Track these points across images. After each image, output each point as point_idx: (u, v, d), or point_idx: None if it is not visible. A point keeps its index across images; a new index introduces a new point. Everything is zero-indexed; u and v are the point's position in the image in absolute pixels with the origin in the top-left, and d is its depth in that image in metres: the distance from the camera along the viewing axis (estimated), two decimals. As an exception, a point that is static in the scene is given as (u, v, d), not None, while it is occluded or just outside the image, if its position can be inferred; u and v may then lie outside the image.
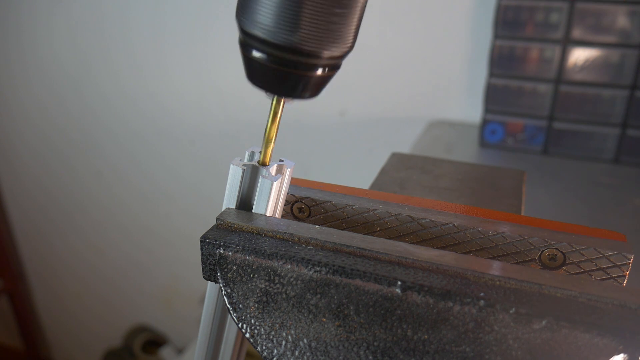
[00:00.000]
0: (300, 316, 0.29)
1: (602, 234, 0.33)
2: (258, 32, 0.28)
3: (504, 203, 0.45)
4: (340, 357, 0.28)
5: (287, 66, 0.28)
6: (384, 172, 0.52)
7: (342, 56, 0.30)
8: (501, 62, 0.91)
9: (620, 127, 0.88)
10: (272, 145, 0.33)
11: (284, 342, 0.29)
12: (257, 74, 0.29)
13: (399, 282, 0.28)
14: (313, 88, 0.30)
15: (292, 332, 0.29)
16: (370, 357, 0.28)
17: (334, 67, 0.30)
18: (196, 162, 1.39)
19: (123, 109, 1.41)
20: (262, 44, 0.28)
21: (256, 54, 0.28)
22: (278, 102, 0.32)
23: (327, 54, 0.28)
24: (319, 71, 0.29)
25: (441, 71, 1.07)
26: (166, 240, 1.56)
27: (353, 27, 0.29)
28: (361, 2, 0.28)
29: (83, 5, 1.33)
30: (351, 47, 0.29)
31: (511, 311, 0.26)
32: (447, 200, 0.44)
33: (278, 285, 0.30)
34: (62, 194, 1.64)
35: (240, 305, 0.30)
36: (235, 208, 0.34)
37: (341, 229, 0.36)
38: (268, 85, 0.30)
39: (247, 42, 0.29)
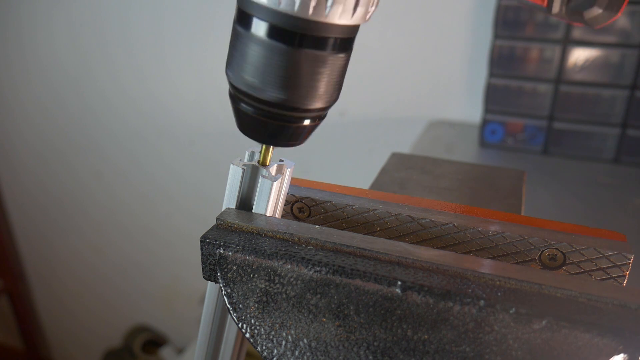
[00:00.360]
0: (300, 316, 0.29)
1: (602, 234, 0.33)
2: (246, 89, 0.28)
3: (504, 203, 0.45)
4: (340, 357, 0.28)
5: (275, 119, 0.29)
6: (384, 172, 0.52)
7: (329, 107, 0.30)
8: (501, 62, 0.91)
9: (620, 127, 0.88)
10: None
11: (284, 342, 0.29)
12: (246, 125, 0.30)
13: (399, 282, 0.28)
14: (301, 137, 0.31)
15: (292, 332, 0.29)
16: (370, 357, 0.28)
17: (321, 117, 0.31)
18: (196, 162, 1.39)
19: (123, 109, 1.41)
20: (250, 99, 0.29)
21: (245, 107, 0.29)
22: (267, 148, 0.33)
23: (314, 107, 0.29)
24: (307, 122, 0.30)
25: (441, 71, 1.07)
26: (166, 240, 1.56)
27: (339, 83, 0.30)
28: (344, 62, 0.29)
29: (83, 5, 1.33)
30: (336, 99, 0.30)
31: (511, 311, 0.26)
32: (447, 200, 0.44)
33: (278, 285, 0.30)
34: (62, 194, 1.64)
35: (240, 305, 0.30)
36: (235, 208, 0.34)
37: (341, 229, 0.36)
38: (257, 136, 0.31)
39: (236, 95, 0.30)
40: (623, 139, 0.88)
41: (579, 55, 0.86)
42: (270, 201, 0.34)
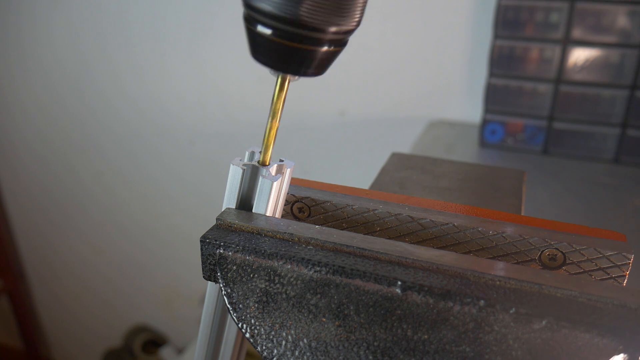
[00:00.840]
0: (300, 316, 0.29)
1: (602, 234, 0.33)
2: (263, 5, 0.27)
3: (504, 203, 0.45)
4: (340, 357, 0.28)
5: (293, 40, 0.28)
6: (384, 172, 0.52)
7: (349, 32, 0.29)
8: (501, 62, 0.91)
9: (620, 127, 0.88)
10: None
11: (284, 342, 0.29)
12: (261, 49, 0.29)
13: (399, 282, 0.28)
14: (318, 65, 0.29)
15: (292, 332, 0.29)
16: (370, 357, 0.28)
17: (340, 43, 0.29)
18: (196, 162, 1.39)
19: (123, 109, 1.41)
20: (267, 17, 0.27)
21: (261, 28, 0.28)
22: (282, 81, 0.31)
23: (333, 28, 0.28)
24: (325, 47, 0.28)
25: (441, 71, 1.07)
26: (166, 240, 1.56)
27: (359, 3, 0.28)
28: None
29: (83, 5, 1.33)
30: (358, 24, 0.29)
31: (511, 311, 0.26)
32: (447, 200, 0.44)
33: (278, 285, 0.30)
34: (62, 194, 1.64)
35: (240, 305, 0.30)
36: (235, 208, 0.34)
37: (341, 229, 0.36)
38: (272, 61, 0.29)
39: (251, 16, 0.28)
40: (623, 139, 0.88)
41: (579, 55, 0.86)
42: (270, 201, 0.34)
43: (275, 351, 0.29)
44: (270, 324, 0.29)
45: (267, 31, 0.28)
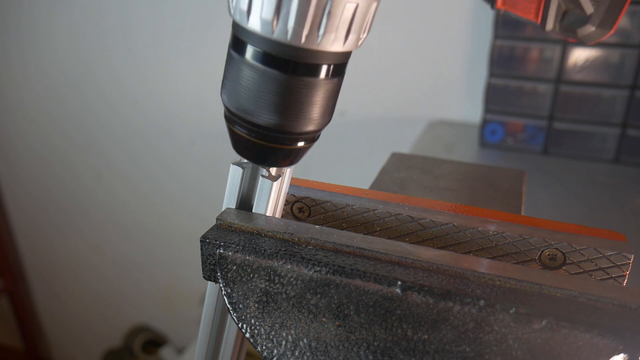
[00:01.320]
0: (300, 316, 0.29)
1: (602, 234, 0.33)
2: (240, 113, 0.29)
3: (504, 203, 0.45)
4: (340, 357, 0.28)
5: (269, 142, 0.30)
6: (384, 172, 0.52)
7: (322, 129, 0.31)
8: (501, 62, 0.91)
9: (620, 127, 0.88)
10: None
11: (284, 342, 0.29)
12: (240, 146, 0.31)
13: (399, 282, 0.28)
14: (295, 158, 0.31)
15: (292, 332, 0.29)
16: (370, 357, 0.28)
17: (314, 139, 0.31)
18: (196, 162, 1.39)
19: (123, 109, 1.41)
20: (244, 122, 0.29)
21: (239, 129, 0.30)
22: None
23: (307, 130, 0.29)
24: (301, 144, 0.30)
25: (441, 71, 1.07)
26: (166, 240, 1.56)
27: (332, 106, 0.30)
28: (337, 86, 0.29)
29: (83, 5, 1.33)
30: (329, 120, 0.31)
31: (511, 311, 0.26)
32: (447, 200, 0.44)
33: (278, 285, 0.30)
34: (62, 194, 1.64)
35: (240, 305, 0.30)
36: (235, 208, 0.35)
37: (341, 229, 0.36)
38: (252, 157, 0.31)
39: (230, 117, 0.30)
40: (623, 139, 0.88)
41: (579, 55, 0.86)
42: (270, 201, 0.34)
43: (275, 351, 0.29)
44: (270, 324, 0.29)
45: (244, 132, 0.30)
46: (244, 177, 0.34)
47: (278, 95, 0.27)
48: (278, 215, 0.35)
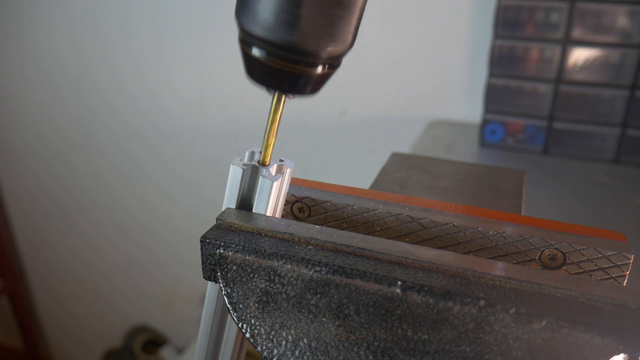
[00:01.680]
0: (300, 316, 0.29)
1: (602, 234, 0.33)
2: (258, 31, 0.28)
3: (504, 203, 0.45)
4: (340, 357, 0.28)
5: (287, 63, 0.28)
6: (384, 172, 0.52)
7: (342, 54, 0.29)
8: (501, 62, 0.91)
9: (620, 127, 0.88)
10: (272, 143, 0.33)
11: (284, 342, 0.29)
12: (256, 71, 0.29)
13: (399, 282, 0.28)
14: (313, 85, 0.30)
15: (292, 332, 0.29)
16: (370, 357, 0.28)
17: (333, 65, 0.30)
18: (196, 162, 1.39)
19: (123, 109, 1.41)
20: (261, 42, 0.28)
21: (256, 51, 0.28)
22: (279, 99, 0.32)
23: (326, 52, 0.28)
24: (319, 69, 0.29)
25: (441, 71, 1.07)
26: (166, 240, 1.56)
27: (352, 27, 0.29)
28: (360, 4, 0.28)
29: (83, 5, 1.33)
30: (350, 46, 0.29)
31: (511, 311, 0.26)
32: (447, 200, 0.44)
33: (278, 285, 0.30)
34: (62, 194, 1.64)
35: (240, 305, 0.30)
36: (236, 208, 0.34)
37: (341, 229, 0.36)
38: (268, 82, 0.30)
39: (246, 39, 0.29)
40: (623, 139, 0.88)
41: (579, 55, 0.86)
42: (270, 201, 0.34)
43: (275, 351, 0.29)
44: (270, 324, 0.29)
45: (261, 54, 0.28)
46: (244, 177, 0.34)
47: (295, 10, 0.26)
48: (278, 215, 0.35)
